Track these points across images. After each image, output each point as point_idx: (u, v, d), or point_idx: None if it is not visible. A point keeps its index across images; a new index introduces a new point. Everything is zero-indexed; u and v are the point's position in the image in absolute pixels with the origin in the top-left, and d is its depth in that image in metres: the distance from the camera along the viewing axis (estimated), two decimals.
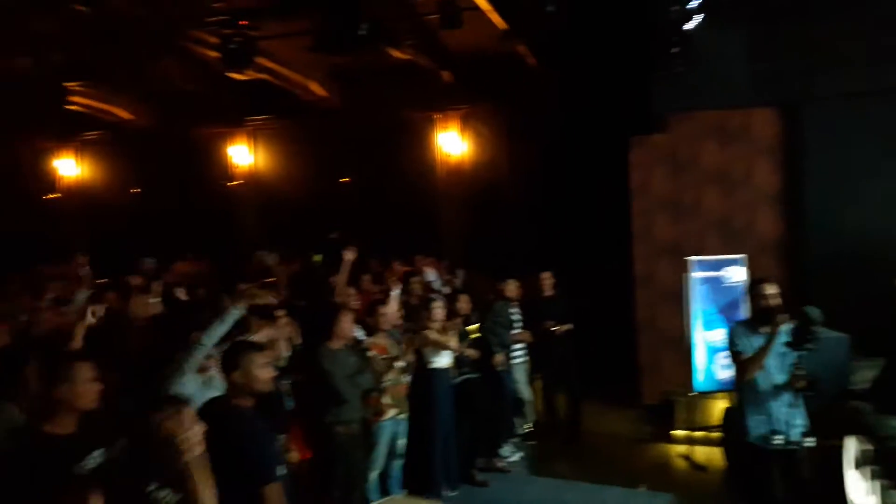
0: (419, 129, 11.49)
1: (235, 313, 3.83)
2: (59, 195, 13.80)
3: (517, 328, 7.31)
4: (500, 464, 6.77)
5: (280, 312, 4.90)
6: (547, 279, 7.74)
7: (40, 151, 13.84)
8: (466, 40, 9.06)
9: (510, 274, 7.49)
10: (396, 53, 9.32)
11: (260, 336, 4.25)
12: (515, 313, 7.35)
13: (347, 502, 4.86)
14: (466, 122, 11.37)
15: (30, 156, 13.82)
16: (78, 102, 10.88)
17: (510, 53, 9.47)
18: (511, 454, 7.03)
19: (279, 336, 4.66)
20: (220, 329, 3.75)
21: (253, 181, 12.58)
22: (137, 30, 8.30)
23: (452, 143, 11.35)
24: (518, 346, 7.37)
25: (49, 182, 13.83)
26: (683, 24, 7.15)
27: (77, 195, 13.79)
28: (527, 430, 7.65)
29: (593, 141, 8.95)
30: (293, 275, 9.06)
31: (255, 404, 3.27)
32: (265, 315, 4.60)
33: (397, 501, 3.60)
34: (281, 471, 3.14)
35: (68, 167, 13.83)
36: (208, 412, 2.90)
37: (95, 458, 2.68)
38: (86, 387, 2.82)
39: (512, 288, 7.35)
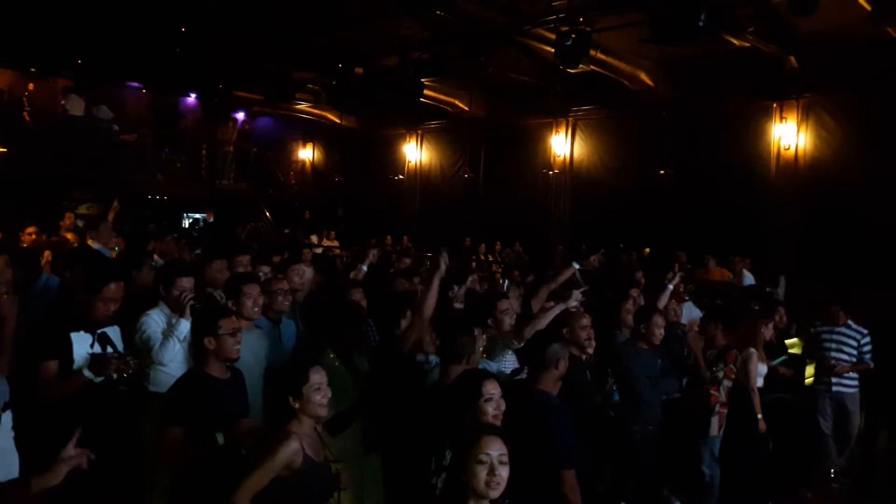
0: (753, 119, 10.63)
1: None
2: (403, 178, 15.84)
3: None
4: None
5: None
6: None
7: (393, 138, 16.01)
8: (819, 23, 8.15)
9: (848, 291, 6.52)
10: (735, 40, 8.79)
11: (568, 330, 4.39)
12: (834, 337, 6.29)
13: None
14: (809, 112, 10.23)
15: (386, 142, 16.12)
16: (427, 95, 12.29)
17: (874, 36, 8.34)
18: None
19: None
20: None
21: (569, 170, 12.94)
22: (485, 29, 9.08)
23: (790, 136, 10.32)
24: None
25: (397, 165, 15.97)
26: None
27: (416, 178, 15.68)
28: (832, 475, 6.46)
29: None
30: (602, 265, 9.18)
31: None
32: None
33: None
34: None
35: (412, 152, 15.79)
36: (513, 393, 3.04)
37: None
38: None
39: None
